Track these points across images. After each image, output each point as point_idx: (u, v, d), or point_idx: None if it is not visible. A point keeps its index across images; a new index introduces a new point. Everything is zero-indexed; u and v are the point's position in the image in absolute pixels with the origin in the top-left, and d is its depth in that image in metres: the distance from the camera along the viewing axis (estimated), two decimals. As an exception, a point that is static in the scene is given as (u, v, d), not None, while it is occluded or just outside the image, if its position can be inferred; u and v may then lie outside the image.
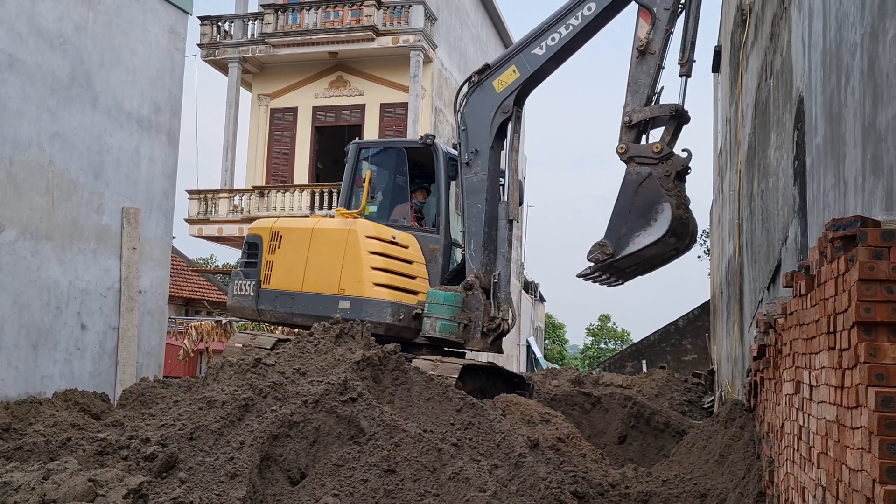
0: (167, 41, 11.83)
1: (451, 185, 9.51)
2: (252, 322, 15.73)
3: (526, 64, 8.88)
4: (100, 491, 4.17)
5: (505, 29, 31.62)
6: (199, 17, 24.84)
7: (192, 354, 18.11)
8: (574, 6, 8.55)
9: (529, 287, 42.81)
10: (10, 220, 9.31)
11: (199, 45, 24.81)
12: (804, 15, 4.37)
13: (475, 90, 9.17)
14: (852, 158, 3.06)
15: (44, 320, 9.73)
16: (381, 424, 5.21)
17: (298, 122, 24.72)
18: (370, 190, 9.43)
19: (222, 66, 24.93)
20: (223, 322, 19.10)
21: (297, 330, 9.16)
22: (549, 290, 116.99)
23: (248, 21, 24.62)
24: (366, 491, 4.78)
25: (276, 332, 13.56)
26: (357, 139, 10.68)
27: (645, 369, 19.66)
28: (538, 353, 40.56)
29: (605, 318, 68.16)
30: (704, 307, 20.64)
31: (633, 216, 7.94)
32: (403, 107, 23.44)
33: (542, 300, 50.62)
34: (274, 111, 25.06)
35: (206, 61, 24.90)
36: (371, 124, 23.87)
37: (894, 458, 2.14)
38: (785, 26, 5.28)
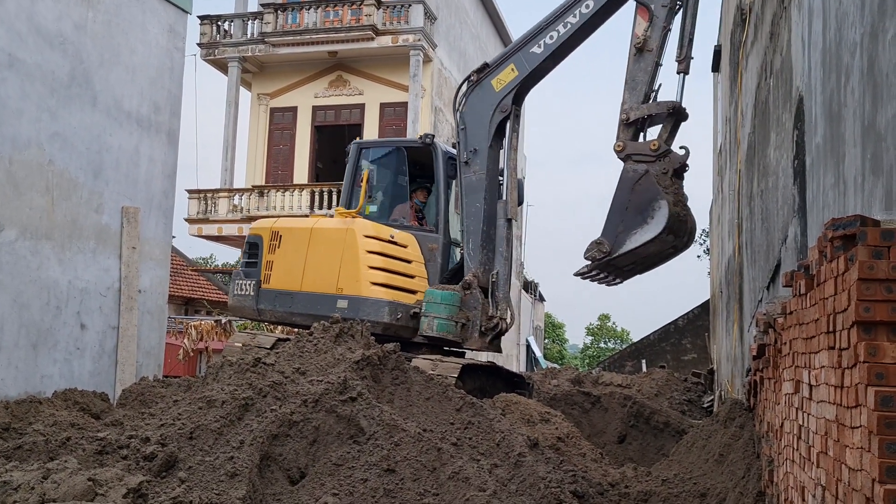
0: (167, 40, 11.83)
1: (451, 184, 9.51)
2: (252, 322, 15.73)
3: (524, 62, 8.88)
4: (99, 490, 4.17)
5: (504, 28, 31.62)
6: (199, 17, 24.83)
7: (191, 354, 18.11)
8: (572, 4, 8.54)
9: (529, 286, 42.82)
10: (10, 220, 9.31)
11: (198, 44, 24.79)
12: (804, 14, 4.37)
13: (474, 89, 9.16)
14: (852, 158, 3.06)
15: (43, 320, 9.73)
16: (381, 424, 5.21)
17: (298, 121, 24.72)
18: (368, 189, 9.44)
19: (222, 66, 24.93)
20: (223, 321, 19.10)
21: (296, 329, 9.16)
22: (549, 289, 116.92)
23: (248, 20, 24.61)
24: (365, 490, 4.78)
25: (276, 332, 13.56)
26: (358, 139, 10.68)
27: (644, 369, 19.68)
28: (538, 353, 40.55)
29: (604, 318, 68.21)
30: (704, 307, 20.64)
31: (629, 214, 7.91)
32: (403, 106, 23.44)
33: (541, 299, 50.62)
34: (273, 110, 25.05)
35: (206, 61, 24.89)
36: (371, 124, 23.87)
37: (894, 458, 2.14)
38: (785, 25, 5.28)
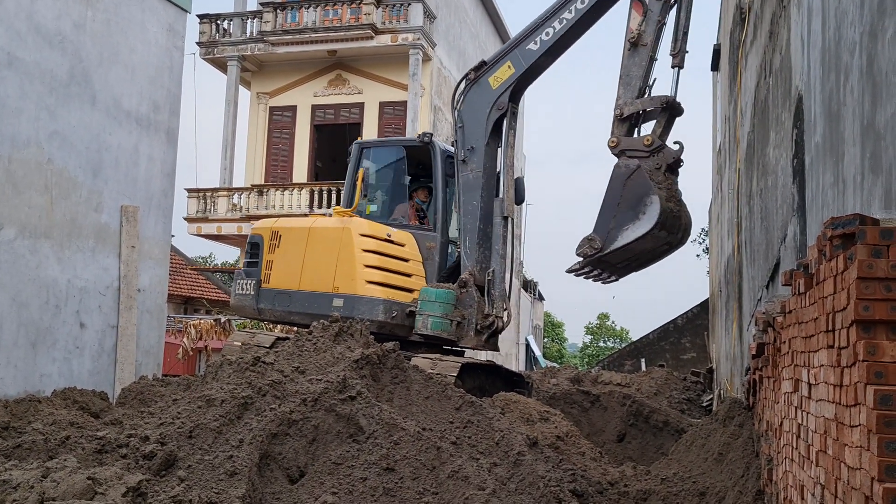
0: (166, 39, 11.82)
1: (450, 182, 9.51)
2: (252, 321, 15.73)
3: (521, 59, 8.87)
4: (99, 489, 4.17)
5: (504, 27, 31.60)
6: (198, 16, 24.80)
7: (191, 353, 18.12)
8: (567, 0, 8.54)
9: (528, 285, 42.82)
10: (9, 219, 9.30)
11: (197, 43, 24.76)
12: (803, 13, 4.37)
13: (471, 87, 9.16)
14: (851, 157, 3.06)
15: (43, 319, 9.73)
16: (380, 423, 5.21)
17: (297, 120, 24.70)
18: (363, 188, 9.47)
19: (221, 65, 24.90)
20: (222, 320, 19.11)
21: (296, 328, 9.16)
22: (548, 288, 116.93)
23: (247, 19, 24.58)
24: (365, 489, 4.78)
25: (275, 331, 13.56)
26: (359, 139, 10.69)
27: (644, 367, 19.69)
28: (537, 352, 40.56)
29: (603, 317, 68.24)
30: (703, 306, 20.66)
31: (621, 210, 7.83)
32: (402, 105, 23.42)
33: (541, 298, 50.61)
34: (273, 109, 25.03)
35: (205, 59, 24.86)
36: (370, 123, 23.85)
37: (893, 456, 2.14)
38: (784, 25, 5.28)
